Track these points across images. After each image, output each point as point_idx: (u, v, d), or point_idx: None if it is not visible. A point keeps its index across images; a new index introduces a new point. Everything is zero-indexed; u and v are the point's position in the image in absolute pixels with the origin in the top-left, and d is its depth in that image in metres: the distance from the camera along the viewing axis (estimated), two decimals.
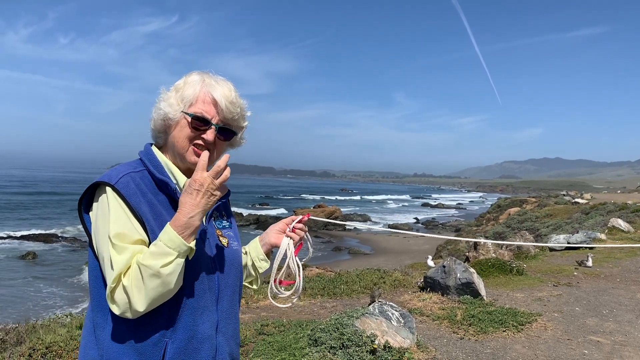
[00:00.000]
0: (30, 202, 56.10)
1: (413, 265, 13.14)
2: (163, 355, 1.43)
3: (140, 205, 1.43)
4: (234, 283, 1.64)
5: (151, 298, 1.34)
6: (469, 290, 6.96)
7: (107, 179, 1.45)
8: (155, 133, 1.63)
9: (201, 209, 1.38)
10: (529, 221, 27.84)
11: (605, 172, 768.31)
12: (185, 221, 1.36)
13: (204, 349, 1.49)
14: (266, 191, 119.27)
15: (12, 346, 4.71)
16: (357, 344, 4.45)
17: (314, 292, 7.67)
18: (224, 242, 1.63)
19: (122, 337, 1.43)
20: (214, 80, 1.58)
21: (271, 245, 1.80)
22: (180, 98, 1.55)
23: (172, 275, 1.34)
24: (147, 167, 1.53)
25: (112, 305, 1.37)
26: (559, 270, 9.78)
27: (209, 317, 1.52)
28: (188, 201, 1.37)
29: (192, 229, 1.37)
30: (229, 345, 1.61)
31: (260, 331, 5.33)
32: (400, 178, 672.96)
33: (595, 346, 5.36)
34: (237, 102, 1.58)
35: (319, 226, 41.39)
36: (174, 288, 1.37)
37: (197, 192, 1.37)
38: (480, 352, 5.07)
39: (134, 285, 1.34)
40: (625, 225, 16.29)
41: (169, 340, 1.44)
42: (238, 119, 1.60)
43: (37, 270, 22.07)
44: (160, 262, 1.32)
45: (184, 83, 1.58)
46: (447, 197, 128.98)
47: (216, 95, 1.54)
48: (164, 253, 1.33)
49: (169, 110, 1.54)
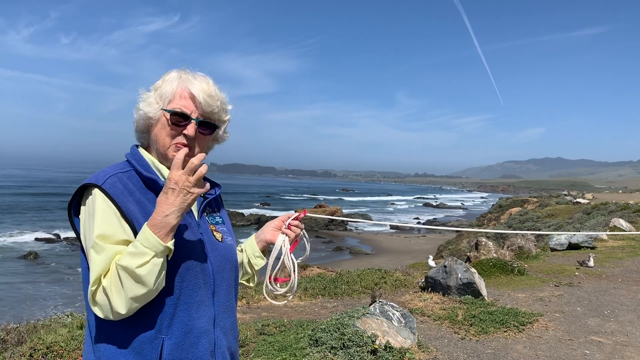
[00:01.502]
0: (31, 203, 56.16)
1: (414, 265, 13.12)
2: (160, 352, 1.42)
3: (128, 205, 1.43)
4: (230, 277, 1.63)
5: (130, 299, 1.33)
6: (470, 291, 6.95)
7: (94, 180, 1.45)
8: (138, 134, 1.63)
9: (177, 208, 1.36)
10: (530, 221, 27.84)
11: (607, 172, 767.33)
12: (160, 220, 1.34)
13: (201, 344, 1.48)
14: (267, 191, 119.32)
15: (13, 346, 4.70)
16: (358, 344, 4.44)
17: (314, 292, 7.66)
18: (218, 237, 1.63)
19: (118, 338, 1.43)
20: (191, 75, 1.57)
21: (267, 242, 1.78)
22: (158, 96, 1.55)
23: (149, 276, 1.32)
24: (134, 166, 1.53)
25: (94, 307, 1.37)
26: (561, 270, 9.77)
27: (206, 311, 1.51)
28: (163, 200, 1.36)
29: (168, 228, 1.35)
30: (227, 339, 1.60)
31: (261, 331, 5.32)
32: (402, 178, 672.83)
33: (596, 346, 5.35)
34: (216, 95, 1.57)
35: (320, 226, 41.39)
36: (155, 288, 1.35)
37: (172, 190, 1.35)
38: (482, 353, 5.06)
39: (113, 286, 1.33)
40: (626, 225, 16.27)
41: (165, 337, 1.43)
42: (219, 112, 1.59)
43: (38, 270, 22.12)
44: (136, 262, 1.30)
45: (162, 81, 1.58)
46: (449, 197, 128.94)
47: (194, 90, 1.53)
48: (141, 253, 1.31)
49: (149, 110, 1.54)
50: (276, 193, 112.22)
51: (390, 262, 19.73)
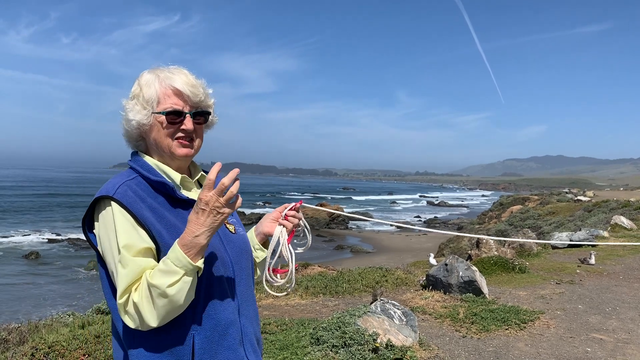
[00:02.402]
0: (32, 202, 56.24)
1: (415, 264, 13.12)
2: (192, 348, 1.45)
3: (142, 212, 1.44)
4: (247, 266, 1.67)
5: (162, 315, 1.36)
6: (472, 289, 6.95)
7: (105, 192, 1.45)
8: (133, 143, 1.63)
9: (207, 228, 1.37)
10: (531, 219, 27.81)
11: (608, 170, 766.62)
12: (190, 240, 1.36)
13: (230, 334, 1.52)
14: (268, 190, 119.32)
15: (14, 346, 4.71)
16: (359, 342, 4.44)
17: (316, 291, 7.66)
18: (231, 229, 1.66)
19: (150, 341, 1.45)
20: (167, 71, 1.57)
21: (265, 234, 1.80)
22: (144, 102, 1.54)
23: (179, 294, 1.35)
24: (140, 172, 1.53)
25: (125, 318, 1.40)
26: (562, 268, 9.76)
27: (230, 302, 1.54)
28: (194, 220, 1.37)
29: (197, 248, 1.36)
30: (252, 326, 1.64)
31: (262, 330, 5.32)
32: (403, 176, 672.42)
33: (598, 344, 5.35)
34: (196, 83, 1.58)
35: (321, 225, 41.39)
36: (184, 304, 1.38)
37: (203, 211, 1.36)
38: (483, 351, 5.06)
39: (144, 303, 1.36)
40: (628, 223, 16.26)
41: (195, 332, 1.46)
42: (205, 99, 1.60)
43: (39, 270, 22.15)
44: (167, 282, 1.33)
45: (139, 87, 1.56)
46: (450, 196, 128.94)
47: (177, 85, 1.53)
48: (171, 271, 1.34)
49: (140, 117, 1.54)
50: (277, 192, 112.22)
51: (392, 261, 19.72)
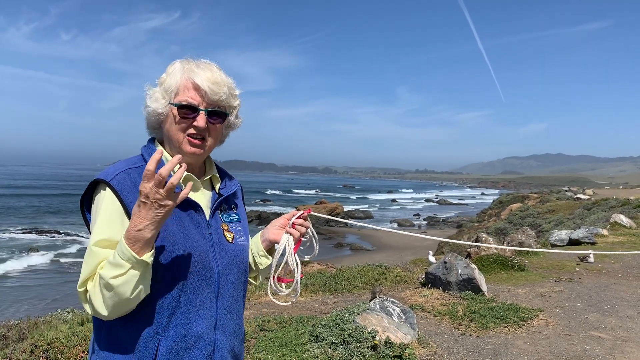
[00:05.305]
0: (32, 199, 56.22)
1: (414, 261, 13.12)
2: (156, 352, 1.43)
3: (133, 202, 1.41)
4: (237, 279, 1.60)
5: (110, 306, 1.34)
6: (471, 286, 6.96)
7: (104, 176, 1.44)
8: (150, 130, 1.62)
9: (149, 222, 1.29)
10: (530, 217, 27.80)
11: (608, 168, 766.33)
12: (134, 234, 1.30)
13: (198, 347, 1.47)
14: (268, 187, 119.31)
15: (14, 342, 4.72)
16: (358, 339, 4.45)
17: (315, 288, 7.67)
18: (228, 238, 1.59)
19: (117, 336, 1.44)
20: (194, 65, 1.53)
21: (271, 242, 1.74)
22: (164, 90, 1.52)
23: (124, 287, 1.31)
24: (147, 161, 1.52)
25: (85, 305, 1.41)
26: (561, 266, 9.77)
27: (206, 314, 1.50)
28: (136, 213, 1.31)
29: (142, 242, 1.30)
30: (230, 342, 1.58)
31: (261, 327, 5.33)
32: (402, 174, 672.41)
33: (596, 342, 5.36)
34: (222, 81, 1.52)
35: (320, 222, 41.42)
36: (133, 297, 1.34)
37: (144, 204, 1.29)
38: (482, 348, 5.07)
39: (96, 292, 1.36)
40: (627, 221, 16.26)
41: (161, 337, 1.43)
42: (227, 99, 1.54)
43: (38, 267, 22.14)
44: (112, 273, 1.30)
45: (166, 75, 1.54)
46: (449, 194, 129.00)
47: (197, 80, 1.49)
48: (117, 264, 1.30)
49: (157, 106, 1.52)
50: (277, 189, 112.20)
51: (391, 258, 19.73)
